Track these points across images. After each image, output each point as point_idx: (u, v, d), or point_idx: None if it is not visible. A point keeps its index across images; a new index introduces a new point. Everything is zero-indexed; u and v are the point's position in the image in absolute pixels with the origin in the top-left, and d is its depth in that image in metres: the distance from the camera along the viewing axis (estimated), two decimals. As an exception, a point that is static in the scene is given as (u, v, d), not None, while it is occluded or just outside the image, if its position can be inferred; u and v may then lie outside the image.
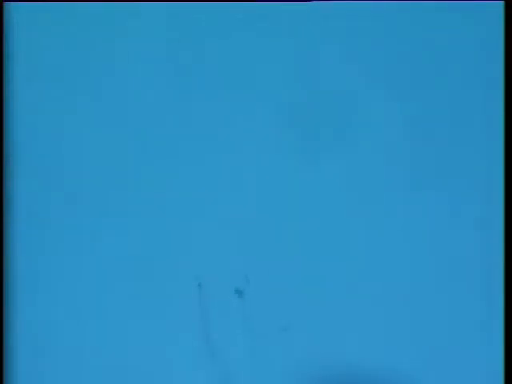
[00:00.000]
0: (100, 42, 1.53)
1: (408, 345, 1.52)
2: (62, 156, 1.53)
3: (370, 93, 1.54)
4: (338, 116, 1.53)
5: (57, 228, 1.53)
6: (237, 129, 1.54)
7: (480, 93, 1.54)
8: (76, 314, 1.52)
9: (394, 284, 1.53)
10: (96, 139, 1.53)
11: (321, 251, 1.53)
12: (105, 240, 1.52)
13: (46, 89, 1.53)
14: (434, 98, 1.54)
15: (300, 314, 1.53)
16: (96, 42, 1.53)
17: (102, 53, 1.53)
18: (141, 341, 1.51)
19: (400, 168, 1.54)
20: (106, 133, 1.53)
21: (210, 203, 1.53)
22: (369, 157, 1.54)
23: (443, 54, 1.54)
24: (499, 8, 1.53)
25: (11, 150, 1.52)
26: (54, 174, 1.53)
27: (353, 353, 1.52)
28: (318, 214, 1.53)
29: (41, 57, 1.53)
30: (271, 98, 1.54)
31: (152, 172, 1.53)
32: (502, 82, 1.53)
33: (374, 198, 1.54)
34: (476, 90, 1.54)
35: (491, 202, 1.53)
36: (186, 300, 1.51)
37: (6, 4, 1.52)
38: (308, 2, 1.54)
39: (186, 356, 1.51)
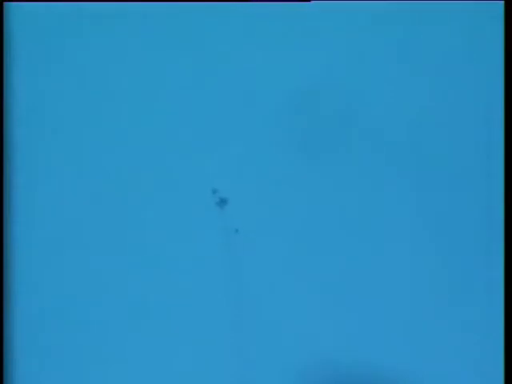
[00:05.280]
0: (100, 42, 1.53)
1: (408, 345, 1.52)
2: (62, 155, 1.53)
3: (370, 93, 1.54)
4: (339, 117, 1.53)
5: (57, 226, 1.53)
6: (236, 128, 1.54)
7: (480, 93, 1.54)
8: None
9: (393, 283, 1.53)
10: (96, 137, 1.53)
11: (321, 253, 1.53)
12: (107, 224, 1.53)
13: (46, 88, 1.53)
14: (434, 98, 1.54)
15: (298, 314, 1.53)
16: (96, 42, 1.53)
17: (102, 53, 1.53)
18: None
19: (400, 170, 1.54)
20: (106, 130, 1.53)
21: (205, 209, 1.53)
22: (369, 158, 1.54)
23: (443, 54, 1.54)
24: (499, 8, 1.54)
25: (11, 150, 1.52)
26: (54, 174, 1.53)
27: (353, 353, 1.53)
28: (318, 216, 1.53)
29: (41, 57, 1.53)
30: (271, 98, 1.54)
31: (153, 172, 1.54)
32: (501, 82, 1.53)
33: (374, 198, 1.54)
34: (476, 89, 1.54)
35: (491, 202, 1.53)
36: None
37: (5, 4, 1.52)
38: (308, 2, 1.54)
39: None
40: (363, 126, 1.54)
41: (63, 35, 1.53)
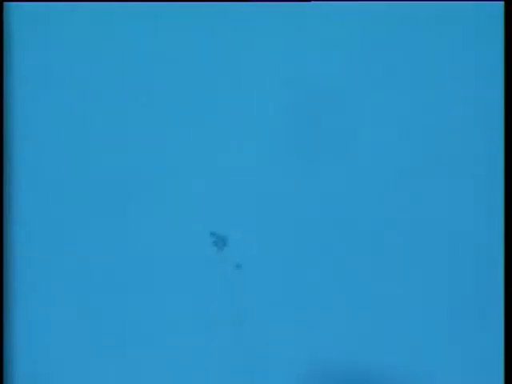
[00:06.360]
0: (100, 42, 1.54)
1: (407, 346, 1.52)
2: (61, 154, 1.53)
3: (370, 94, 1.54)
4: (337, 117, 1.54)
5: (57, 226, 1.53)
6: (235, 130, 1.54)
7: (480, 93, 1.54)
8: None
9: (393, 285, 1.53)
10: (96, 137, 1.53)
11: (321, 257, 1.53)
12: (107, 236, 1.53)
13: (45, 88, 1.53)
14: (434, 99, 1.54)
15: (297, 313, 1.53)
16: (96, 42, 1.54)
17: (102, 52, 1.54)
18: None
19: (401, 173, 1.54)
20: (105, 130, 1.53)
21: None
22: (369, 160, 1.54)
23: (443, 54, 1.54)
24: (499, 8, 1.54)
25: (10, 148, 1.52)
26: (54, 173, 1.53)
27: (352, 351, 1.53)
28: (316, 218, 1.54)
29: (40, 56, 1.53)
30: (270, 98, 1.54)
31: (155, 177, 1.54)
32: (502, 82, 1.53)
33: (374, 207, 1.54)
34: (476, 90, 1.54)
35: (491, 202, 1.53)
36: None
37: (5, 4, 1.52)
38: (308, 2, 1.54)
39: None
40: (363, 127, 1.54)
41: (63, 35, 1.53)
